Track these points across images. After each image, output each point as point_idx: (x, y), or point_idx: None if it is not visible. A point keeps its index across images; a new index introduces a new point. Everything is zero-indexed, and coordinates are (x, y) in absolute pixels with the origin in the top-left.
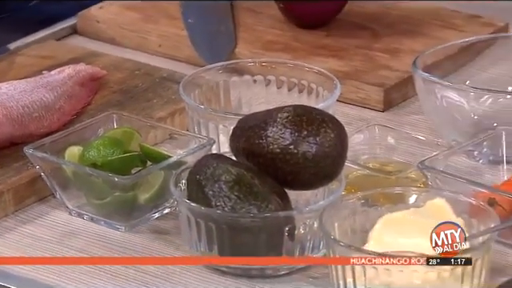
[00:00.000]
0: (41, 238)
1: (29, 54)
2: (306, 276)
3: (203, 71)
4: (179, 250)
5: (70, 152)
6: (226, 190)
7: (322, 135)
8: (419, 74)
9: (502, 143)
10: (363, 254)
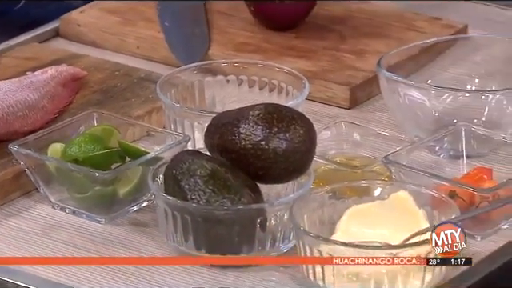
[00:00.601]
0: (26, 231)
1: (13, 56)
2: (277, 266)
3: (179, 71)
4: (156, 242)
5: (52, 149)
6: (201, 184)
7: (291, 132)
8: (383, 74)
9: (461, 139)
10: (331, 244)
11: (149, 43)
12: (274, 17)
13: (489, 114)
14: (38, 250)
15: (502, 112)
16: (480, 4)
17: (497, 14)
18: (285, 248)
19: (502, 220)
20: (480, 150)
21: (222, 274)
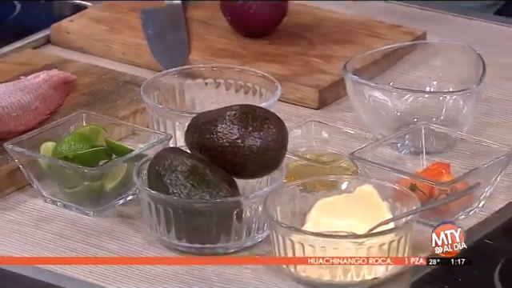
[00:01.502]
0: (20, 223)
1: (8, 61)
2: (252, 254)
3: (161, 75)
4: (141, 232)
5: (44, 147)
6: (182, 179)
7: (265, 130)
8: (349, 77)
9: (421, 136)
10: (301, 233)
11: (133, 49)
12: (248, 25)
13: (446, 113)
14: (32, 241)
15: (459, 111)
16: (437, 13)
17: (453, 22)
18: (259, 238)
19: (459, 211)
20: (438, 147)
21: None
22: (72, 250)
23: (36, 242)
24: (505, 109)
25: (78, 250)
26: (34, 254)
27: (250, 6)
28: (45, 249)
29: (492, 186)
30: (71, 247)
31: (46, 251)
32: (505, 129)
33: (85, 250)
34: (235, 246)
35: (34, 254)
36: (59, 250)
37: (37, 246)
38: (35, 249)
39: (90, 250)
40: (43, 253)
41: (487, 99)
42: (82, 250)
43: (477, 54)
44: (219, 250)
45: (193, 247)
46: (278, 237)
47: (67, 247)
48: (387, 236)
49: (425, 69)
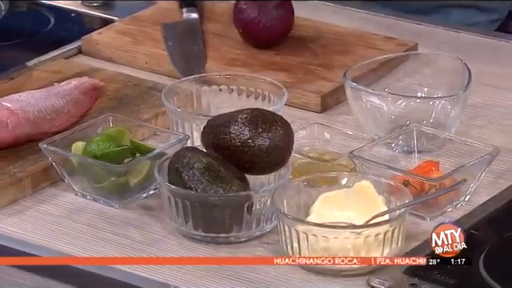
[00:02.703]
0: (53, 214)
1: (43, 70)
2: (261, 242)
3: (180, 82)
4: (162, 223)
5: (75, 146)
6: (199, 175)
7: (273, 132)
8: (348, 84)
9: (413, 137)
10: (306, 224)
11: (155, 59)
12: (258, 37)
13: (436, 116)
14: (64, 230)
15: (447, 115)
16: (428, 26)
17: (442, 34)
18: (268, 228)
19: (447, 204)
20: (428, 147)
21: (214, 250)
22: (99, 239)
23: (68, 232)
24: (488, 113)
25: (105, 238)
26: (65, 242)
27: (259, 20)
28: (75, 238)
29: (477, 181)
30: (99, 236)
31: (77, 240)
32: (488, 131)
33: (111, 238)
34: (246, 235)
35: (65, 242)
36: (88, 239)
37: (68, 235)
38: (67, 238)
39: (115, 239)
40: (75, 241)
41: (472, 104)
42: (108, 239)
43: (463, 64)
44: (232, 239)
45: (208, 236)
46: (285, 227)
47: (95, 236)
48: (383, 227)
49: (416, 77)
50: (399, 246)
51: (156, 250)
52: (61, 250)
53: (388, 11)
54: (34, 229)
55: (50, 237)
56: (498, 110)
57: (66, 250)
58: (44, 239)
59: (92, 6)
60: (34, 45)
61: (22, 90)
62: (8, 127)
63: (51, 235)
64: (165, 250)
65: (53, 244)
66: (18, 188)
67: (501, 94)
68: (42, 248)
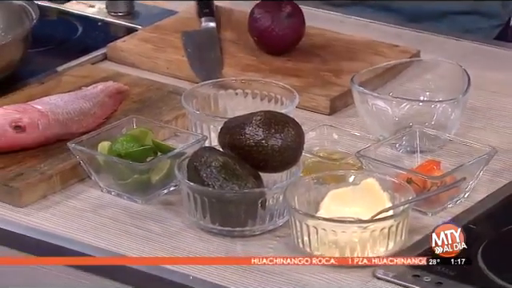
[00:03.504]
0: (80, 209)
1: (71, 74)
2: (274, 235)
3: (199, 86)
4: (181, 217)
5: (101, 146)
6: (216, 173)
7: (285, 132)
8: (356, 88)
9: (416, 138)
10: (315, 219)
11: (175, 65)
12: (271, 44)
13: (437, 118)
14: (90, 224)
15: (447, 117)
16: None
17: (443, 42)
18: (280, 222)
19: (448, 201)
20: (430, 147)
21: (230, 242)
22: (123, 232)
23: (94, 225)
24: (486, 115)
25: (128, 231)
26: (92, 235)
27: (273, 29)
28: (101, 231)
29: (475, 179)
30: (123, 229)
31: (102, 233)
32: (486, 132)
33: (134, 231)
34: (260, 229)
35: (92, 235)
36: (113, 232)
37: (94, 228)
38: (93, 231)
39: (138, 232)
40: (100, 234)
41: (471, 107)
42: (131, 232)
43: (463, 70)
44: (246, 233)
45: (224, 230)
46: (296, 222)
47: (119, 229)
48: (387, 221)
49: (419, 81)
50: (403, 239)
51: (176, 243)
52: (87, 243)
53: (393, 19)
54: (62, 222)
55: (77, 230)
56: (495, 112)
57: (92, 242)
58: (72, 232)
59: (117, 15)
60: (64, 51)
61: (52, 94)
62: (39, 128)
63: (78, 228)
64: (184, 243)
65: (80, 237)
66: (48, 184)
67: (498, 98)
68: (70, 241)
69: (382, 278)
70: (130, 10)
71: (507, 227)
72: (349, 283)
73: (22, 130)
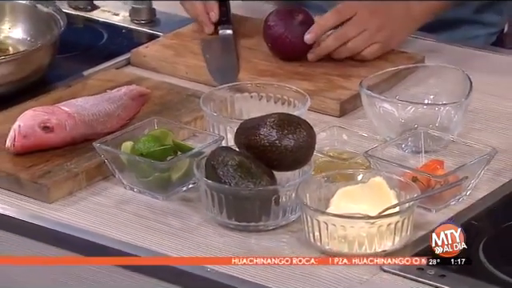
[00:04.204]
0: (105, 205)
1: (97, 78)
2: (287, 230)
3: (216, 90)
4: (200, 213)
5: (124, 145)
6: (232, 171)
7: (297, 133)
8: (364, 92)
9: (421, 138)
10: (326, 215)
11: (194, 70)
12: (285, 51)
13: (440, 120)
14: (114, 219)
15: (450, 119)
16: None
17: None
18: (292, 218)
19: (451, 198)
20: (434, 147)
21: (246, 237)
22: (145, 227)
23: (117, 220)
24: (487, 118)
25: (149, 226)
26: (116, 229)
27: (286, 36)
28: (124, 225)
29: (477, 178)
30: (144, 224)
31: (125, 227)
32: (487, 133)
33: (155, 226)
34: (273, 224)
35: (116, 229)
36: (135, 227)
37: (118, 223)
38: (116, 225)
39: (158, 226)
40: (123, 229)
41: (473, 110)
42: (152, 227)
43: (465, 75)
44: (261, 227)
45: (240, 225)
46: (308, 217)
47: (141, 224)
48: (394, 217)
49: (423, 86)
50: (408, 234)
51: (194, 237)
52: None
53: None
54: (88, 217)
55: (101, 224)
56: (496, 115)
57: (116, 236)
58: (96, 226)
59: (140, 23)
60: (89, 57)
61: (78, 96)
62: (66, 128)
63: (103, 223)
64: (202, 237)
65: (104, 231)
66: (75, 182)
67: (498, 101)
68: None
69: (388, 270)
70: (151, 18)
71: (507, 223)
72: (357, 275)
73: (51, 131)
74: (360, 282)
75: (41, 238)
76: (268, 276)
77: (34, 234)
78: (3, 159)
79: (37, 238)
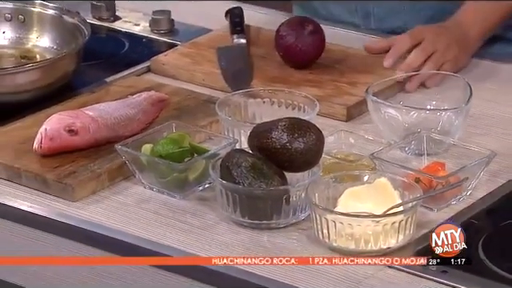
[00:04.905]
0: (125, 203)
1: (119, 85)
2: (297, 228)
3: (231, 96)
4: (215, 211)
5: (144, 147)
6: (245, 172)
7: (307, 137)
8: (370, 98)
9: (423, 142)
10: (334, 214)
11: (210, 77)
12: (295, 59)
13: (442, 125)
14: (134, 216)
15: (451, 124)
16: None
17: None
18: (302, 216)
19: (452, 198)
20: (436, 150)
21: (258, 234)
22: (163, 224)
23: (137, 218)
24: (486, 122)
25: (167, 223)
26: (136, 226)
27: (296, 45)
28: (143, 223)
29: (476, 179)
30: (163, 222)
31: (145, 224)
32: (486, 137)
33: (173, 223)
34: (284, 222)
35: (136, 226)
36: (154, 224)
37: (137, 220)
38: (136, 223)
39: (176, 224)
40: (143, 226)
41: (473, 115)
42: (170, 224)
43: (465, 82)
44: (272, 225)
45: (253, 223)
46: (316, 216)
47: (160, 222)
48: (398, 216)
49: (426, 92)
50: (411, 232)
51: (210, 234)
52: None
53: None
54: (110, 215)
55: (122, 222)
56: (494, 120)
57: (136, 232)
58: (118, 224)
59: (159, 32)
60: (112, 64)
61: (101, 102)
62: (90, 131)
63: (123, 221)
64: (217, 234)
65: (125, 228)
66: (98, 182)
67: (496, 107)
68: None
69: (393, 266)
70: (170, 28)
71: (505, 222)
72: (363, 271)
73: (75, 134)
74: (365, 277)
75: (65, 234)
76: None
77: (59, 231)
78: (31, 160)
79: (62, 234)
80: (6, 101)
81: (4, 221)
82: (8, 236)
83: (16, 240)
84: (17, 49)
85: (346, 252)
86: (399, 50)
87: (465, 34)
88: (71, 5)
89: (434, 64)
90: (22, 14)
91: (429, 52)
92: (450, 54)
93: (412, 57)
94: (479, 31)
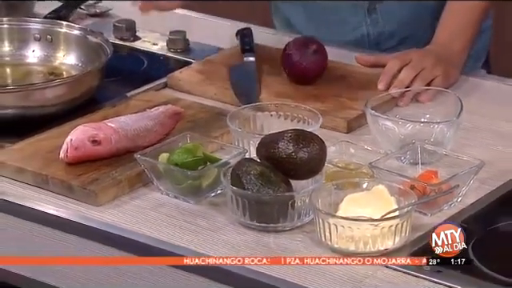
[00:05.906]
0: (144, 208)
1: (138, 99)
2: (301, 231)
3: (241, 109)
4: (226, 215)
5: (161, 156)
6: (254, 179)
7: (311, 147)
8: (369, 111)
9: (418, 152)
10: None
11: (222, 91)
12: (300, 76)
13: (435, 136)
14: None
15: (443, 135)
16: None
17: None
18: (306, 220)
19: (444, 204)
20: (429, 160)
21: (265, 236)
22: (178, 227)
23: (154, 221)
24: (476, 135)
25: (182, 226)
26: (153, 228)
27: (301, 63)
28: (160, 225)
29: (467, 187)
30: (178, 224)
31: (162, 227)
32: (476, 148)
33: (187, 226)
34: (290, 226)
35: (153, 228)
36: (170, 227)
37: (155, 223)
38: (154, 225)
39: (190, 227)
40: (160, 228)
41: (464, 128)
42: (185, 227)
43: (457, 97)
44: (279, 228)
45: (260, 226)
46: (319, 219)
47: (175, 225)
48: (394, 220)
49: (420, 106)
50: (407, 235)
51: (221, 236)
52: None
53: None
54: (129, 218)
55: (141, 225)
56: (484, 132)
57: (153, 234)
58: (137, 226)
59: (176, 51)
60: (132, 80)
61: (122, 115)
62: (112, 142)
63: (142, 223)
64: (227, 236)
65: (143, 230)
66: (118, 188)
67: (485, 120)
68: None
69: (390, 266)
70: (185, 47)
71: (493, 226)
72: (363, 271)
73: (98, 144)
74: (365, 276)
75: (89, 236)
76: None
77: (83, 233)
78: (57, 168)
79: (85, 236)
80: (35, 114)
81: (33, 224)
82: (34, 238)
83: (38, 240)
84: (45, 66)
85: (347, 253)
86: (390, 72)
87: (448, 51)
88: (95, 26)
89: (423, 80)
90: (49, 34)
91: (418, 69)
92: (437, 70)
93: (402, 74)
94: (461, 44)
